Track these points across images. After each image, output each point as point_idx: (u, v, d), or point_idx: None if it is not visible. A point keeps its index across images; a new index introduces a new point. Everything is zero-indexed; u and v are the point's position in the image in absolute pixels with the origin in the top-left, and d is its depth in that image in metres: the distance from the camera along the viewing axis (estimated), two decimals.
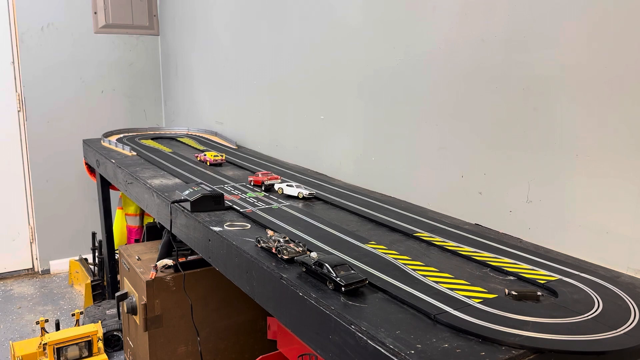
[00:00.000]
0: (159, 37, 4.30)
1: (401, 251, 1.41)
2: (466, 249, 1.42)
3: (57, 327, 2.62)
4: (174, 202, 1.85)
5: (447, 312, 1.05)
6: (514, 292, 1.12)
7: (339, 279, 1.14)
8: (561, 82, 1.47)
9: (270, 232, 1.49)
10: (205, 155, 2.58)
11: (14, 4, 3.73)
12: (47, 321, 2.62)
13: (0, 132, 3.84)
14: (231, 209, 1.80)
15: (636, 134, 1.31)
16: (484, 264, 1.33)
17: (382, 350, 0.94)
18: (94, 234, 3.59)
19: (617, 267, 1.36)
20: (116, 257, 3.18)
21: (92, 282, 3.32)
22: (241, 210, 1.76)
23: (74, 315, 2.65)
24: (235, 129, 3.31)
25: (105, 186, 3.21)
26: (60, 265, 4.09)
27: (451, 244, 1.46)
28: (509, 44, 1.60)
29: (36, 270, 4.11)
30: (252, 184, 2.11)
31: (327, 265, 1.18)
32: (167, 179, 2.24)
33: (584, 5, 1.40)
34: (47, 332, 2.49)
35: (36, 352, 2.47)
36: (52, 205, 4.02)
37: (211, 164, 2.53)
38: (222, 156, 2.57)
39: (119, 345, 2.85)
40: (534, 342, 0.94)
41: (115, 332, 2.84)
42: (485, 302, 1.09)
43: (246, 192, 2.00)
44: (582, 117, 1.43)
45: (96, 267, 3.53)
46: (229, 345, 2.36)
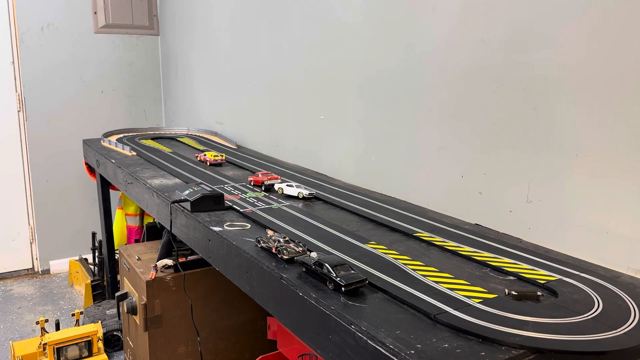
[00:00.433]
0: (159, 37, 4.29)
1: (401, 251, 1.41)
2: (466, 249, 1.42)
3: (57, 327, 2.61)
4: (174, 202, 1.85)
5: (447, 312, 1.05)
6: (514, 292, 1.13)
7: (339, 279, 1.14)
8: (561, 82, 1.47)
9: (270, 232, 1.49)
10: (205, 155, 2.58)
11: (14, 4, 3.73)
12: (47, 321, 2.62)
13: (0, 132, 3.84)
14: (231, 209, 1.80)
15: (636, 134, 1.31)
16: (484, 264, 1.33)
17: (382, 350, 0.94)
18: (94, 234, 3.59)
19: (617, 267, 1.36)
20: (116, 257, 3.18)
21: (92, 282, 3.32)
22: (241, 210, 1.76)
23: (74, 315, 2.65)
24: (235, 129, 3.31)
25: (105, 186, 3.21)
26: (60, 265, 4.09)
27: (451, 244, 1.46)
28: (509, 44, 1.60)
29: (36, 270, 4.11)
30: (252, 184, 2.11)
31: (327, 265, 1.18)
32: (167, 179, 2.24)
33: (584, 5, 1.40)
34: (47, 332, 2.49)
35: (36, 352, 2.47)
36: (52, 205, 4.02)
37: (211, 164, 2.53)
38: (222, 156, 2.57)
39: (119, 345, 2.85)
40: (534, 342, 0.94)
41: (115, 332, 2.84)
42: (485, 302, 1.10)
43: (246, 192, 2.00)
44: (582, 117, 1.43)
45: (96, 267, 3.53)
46: (229, 345, 2.36)
